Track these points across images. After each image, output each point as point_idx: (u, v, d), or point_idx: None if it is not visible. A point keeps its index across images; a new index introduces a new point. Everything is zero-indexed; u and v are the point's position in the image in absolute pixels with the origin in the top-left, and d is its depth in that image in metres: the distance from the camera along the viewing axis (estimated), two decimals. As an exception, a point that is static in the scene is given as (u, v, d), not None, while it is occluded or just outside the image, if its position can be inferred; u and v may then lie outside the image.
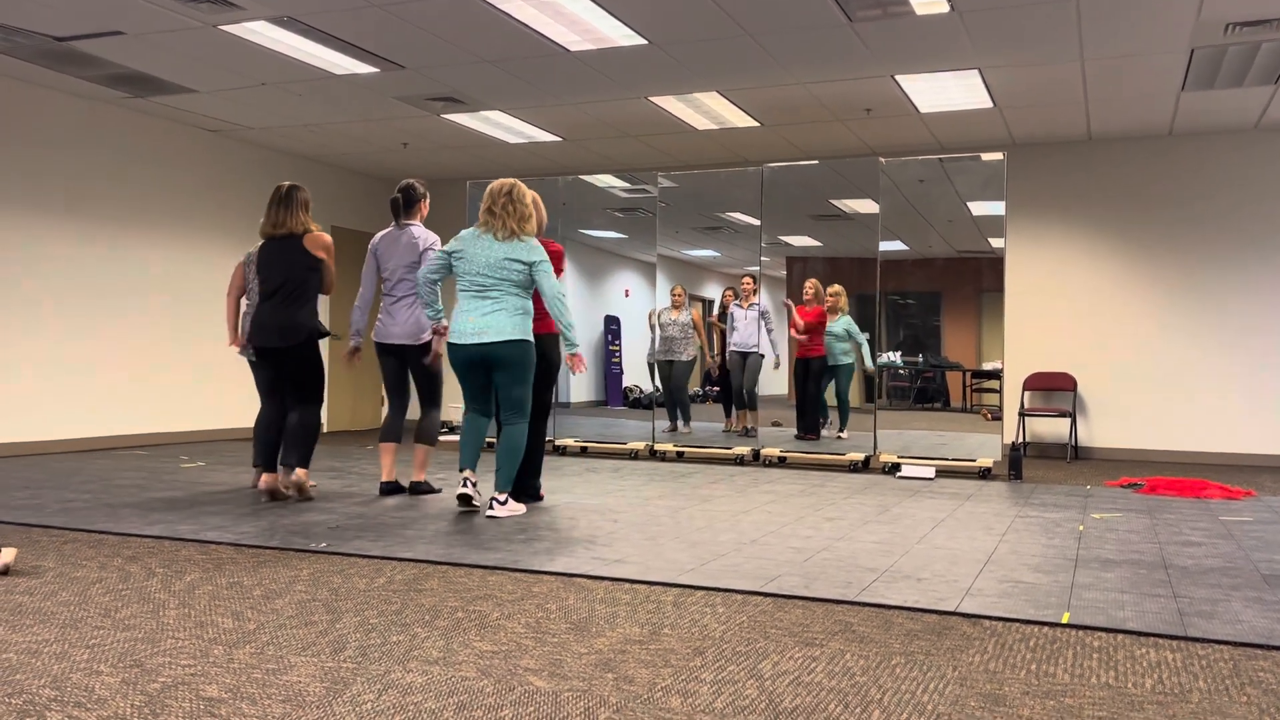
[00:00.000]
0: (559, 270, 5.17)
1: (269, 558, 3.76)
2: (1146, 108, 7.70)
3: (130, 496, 5.27)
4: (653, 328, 8.37)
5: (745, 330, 8.08)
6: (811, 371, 7.74)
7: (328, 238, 5.20)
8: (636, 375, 8.86)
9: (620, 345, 9.17)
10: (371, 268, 5.48)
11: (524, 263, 4.74)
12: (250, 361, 5.69)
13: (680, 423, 8.26)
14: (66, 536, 4.14)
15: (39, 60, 6.90)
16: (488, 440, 8.37)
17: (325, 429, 10.37)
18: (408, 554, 3.81)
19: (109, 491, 5.45)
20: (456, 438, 9.09)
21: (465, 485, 4.76)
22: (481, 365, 4.78)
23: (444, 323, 5.15)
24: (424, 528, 4.41)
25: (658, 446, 8.05)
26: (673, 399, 8.27)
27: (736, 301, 8.16)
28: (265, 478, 5.14)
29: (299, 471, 5.11)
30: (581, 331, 8.77)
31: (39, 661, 2.45)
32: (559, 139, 9.02)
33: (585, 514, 4.90)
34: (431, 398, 5.48)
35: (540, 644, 2.66)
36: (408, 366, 5.49)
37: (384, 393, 5.63)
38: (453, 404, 10.66)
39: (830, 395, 7.73)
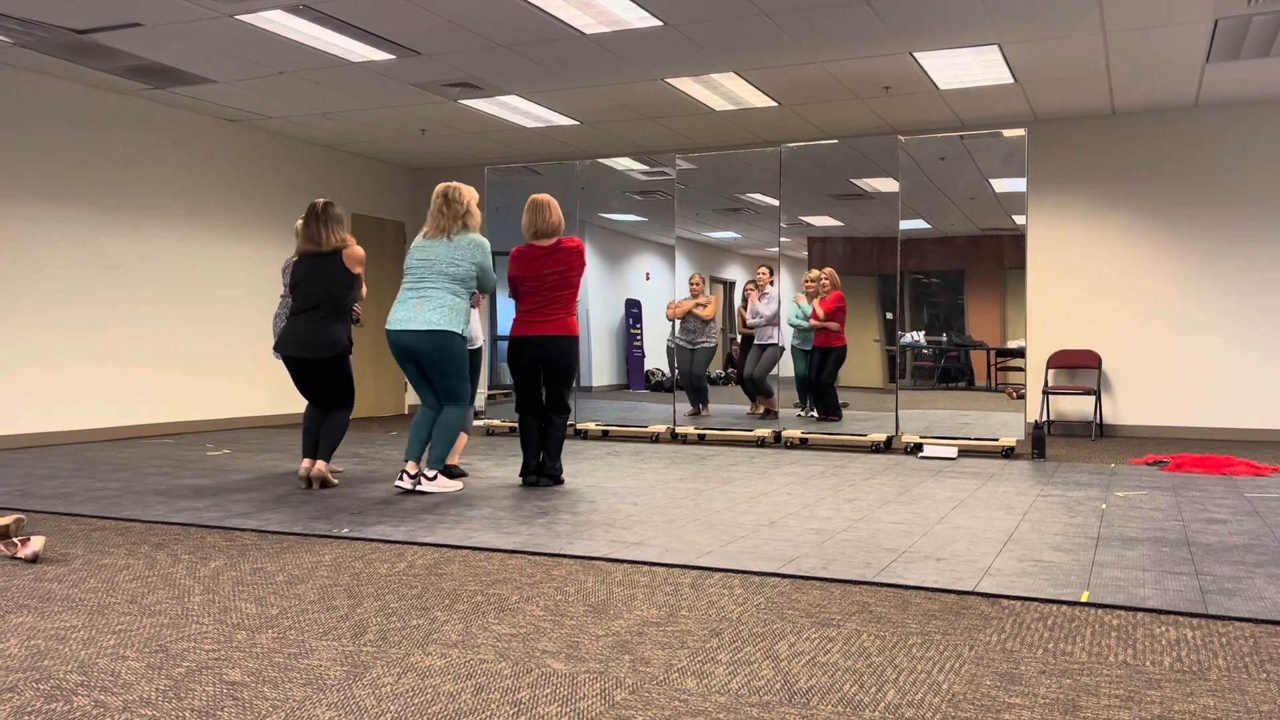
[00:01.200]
0: (580, 266, 5.24)
1: (292, 544, 3.81)
2: (1170, 80, 7.59)
3: (157, 485, 5.35)
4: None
5: (756, 321, 8.09)
6: (829, 361, 7.71)
7: (361, 251, 5.32)
8: (658, 358, 8.87)
9: (641, 329, 9.18)
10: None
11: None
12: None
13: (701, 407, 8.26)
14: (95, 524, 4.21)
15: (59, 53, 6.96)
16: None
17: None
18: (428, 539, 3.84)
19: (136, 480, 5.53)
20: (481, 422, 9.14)
21: (402, 478, 5.00)
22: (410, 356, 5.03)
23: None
24: (444, 513, 4.45)
25: (679, 429, 8.06)
26: (693, 385, 8.28)
27: (755, 292, 8.14)
28: (305, 464, 5.31)
29: (319, 464, 5.22)
30: (602, 314, 8.78)
31: (67, 647, 2.50)
32: (576, 122, 9.01)
33: (605, 497, 4.93)
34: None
35: (558, 626, 2.69)
36: None
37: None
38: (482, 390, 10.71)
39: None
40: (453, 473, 5.64)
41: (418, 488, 5.00)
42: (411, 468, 5.00)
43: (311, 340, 5.16)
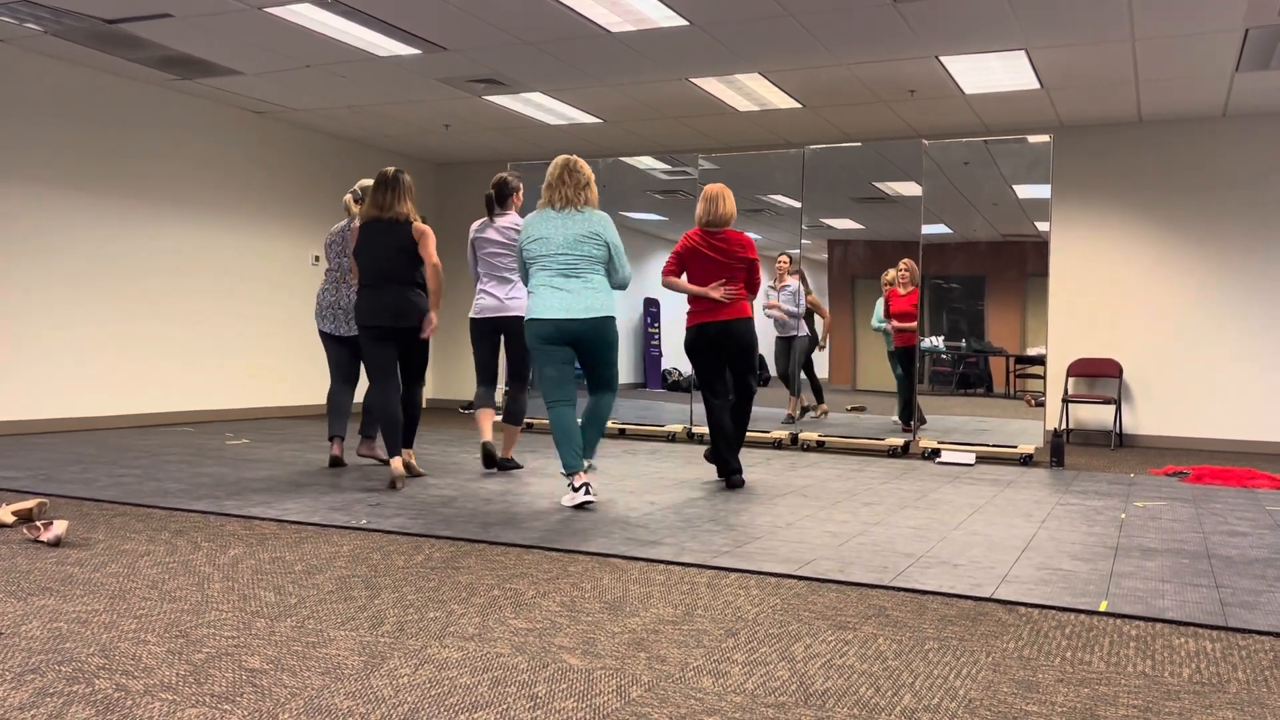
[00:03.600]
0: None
1: (310, 534, 3.83)
2: (1199, 89, 7.53)
3: (178, 472, 5.39)
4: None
5: (776, 315, 7.93)
6: (904, 360, 7.46)
7: (429, 231, 5.11)
8: (675, 358, 8.87)
9: (659, 328, 9.18)
10: (470, 254, 5.82)
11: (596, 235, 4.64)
12: (330, 337, 5.75)
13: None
14: (116, 510, 4.25)
15: (89, 42, 7.02)
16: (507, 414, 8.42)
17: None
18: (446, 532, 3.86)
19: (158, 467, 5.57)
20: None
21: (582, 490, 4.55)
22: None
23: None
24: (462, 506, 4.46)
25: (696, 430, 8.06)
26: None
27: (771, 283, 8.01)
28: (394, 463, 4.96)
29: (404, 454, 5.16)
30: (621, 313, 8.79)
31: (88, 631, 2.52)
32: (599, 120, 9.02)
33: (622, 495, 4.93)
34: (523, 377, 5.72)
35: (574, 622, 2.69)
36: (506, 343, 5.74)
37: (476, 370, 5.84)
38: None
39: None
40: (506, 464, 5.69)
41: (587, 496, 4.49)
42: (579, 478, 4.52)
43: (396, 308, 4.97)
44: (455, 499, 4.68)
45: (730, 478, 5.26)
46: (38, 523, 3.60)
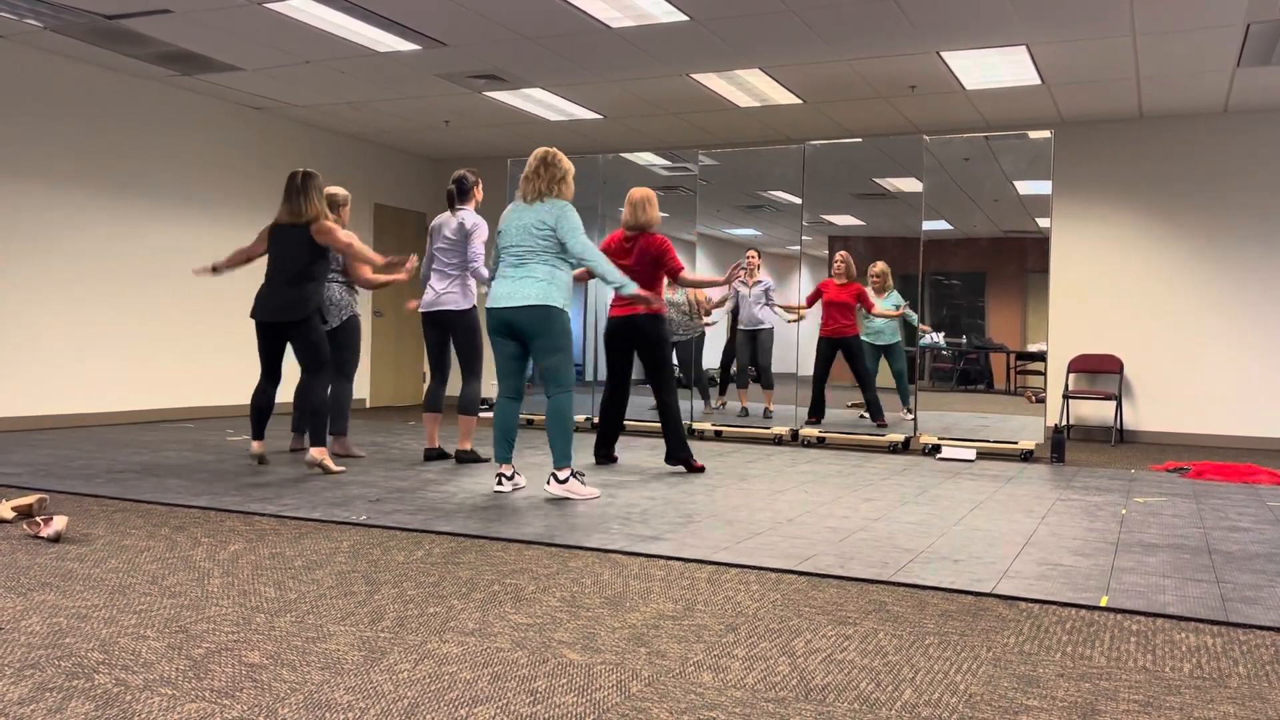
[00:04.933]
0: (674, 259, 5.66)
1: (310, 530, 3.83)
2: (1200, 84, 7.52)
3: (178, 468, 5.39)
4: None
5: (751, 308, 8.06)
6: (829, 351, 7.64)
7: (331, 226, 5.29)
8: (677, 355, 8.86)
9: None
10: (428, 247, 5.93)
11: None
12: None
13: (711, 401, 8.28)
14: (116, 506, 4.24)
15: (88, 38, 7.01)
16: (527, 417, 8.43)
17: (368, 404, 10.50)
18: (446, 528, 3.86)
19: (158, 463, 5.57)
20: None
21: (500, 482, 4.83)
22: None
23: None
24: (462, 502, 4.46)
25: (696, 426, 8.06)
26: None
27: (741, 280, 8.11)
28: (255, 445, 5.43)
29: (316, 450, 5.24)
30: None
31: (88, 626, 2.52)
32: (600, 116, 9.01)
33: (622, 491, 4.93)
34: (470, 369, 5.76)
35: (574, 618, 2.69)
36: (448, 337, 5.86)
37: (425, 367, 5.95)
38: (491, 381, 10.74)
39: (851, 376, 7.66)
40: (463, 457, 5.71)
41: (548, 489, 4.62)
42: (506, 469, 4.78)
43: (282, 302, 5.22)
44: (455, 495, 4.68)
45: (599, 459, 5.90)
46: (38, 518, 3.59)
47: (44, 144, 7.42)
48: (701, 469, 5.73)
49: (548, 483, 4.63)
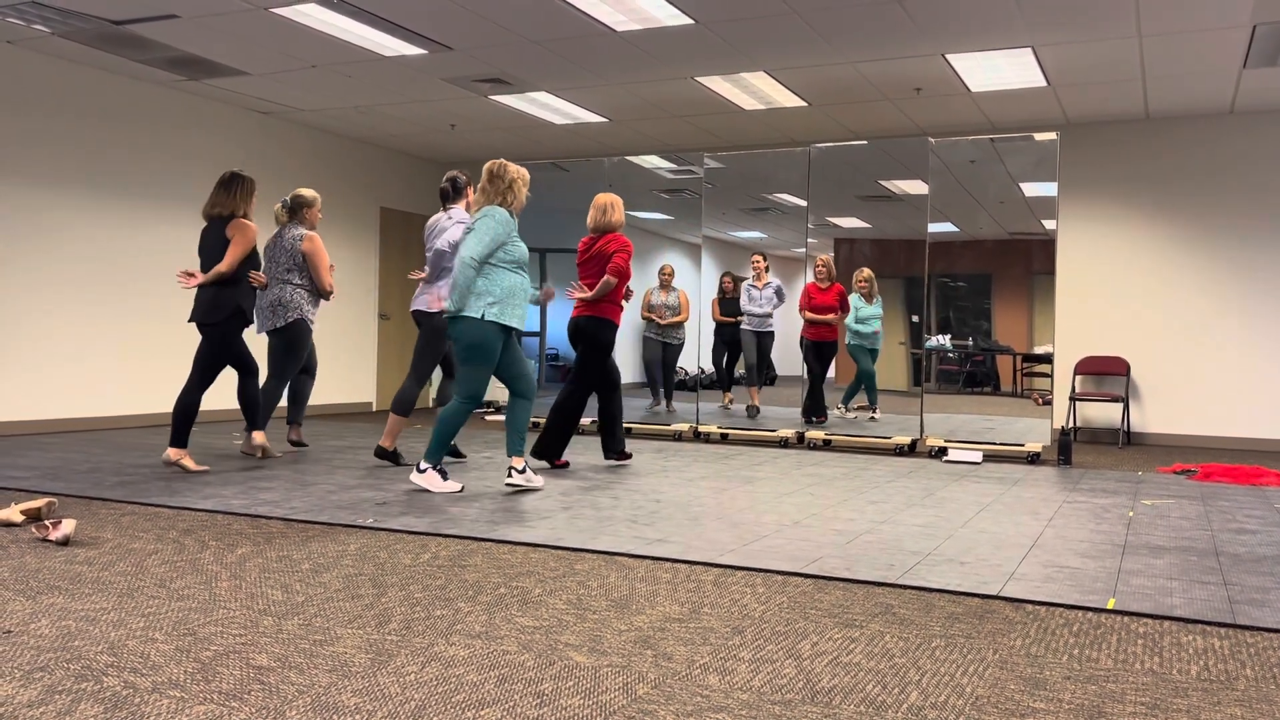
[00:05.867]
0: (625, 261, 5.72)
1: (317, 533, 3.84)
2: (1206, 85, 7.51)
3: (184, 471, 5.40)
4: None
5: (762, 309, 8.12)
6: (818, 354, 7.78)
7: (244, 223, 5.36)
8: (683, 357, 8.86)
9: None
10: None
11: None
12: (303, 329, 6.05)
13: (665, 402, 8.34)
14: (124, 509, 4.26)
15: (96, 43, 7.04)
16: (536, 420, 8.43)
17: (374, 408, 10.52)
18: (452, 530, 3.86)
19: (166, 466, 5.58)
20: (502, 417, 9.17)
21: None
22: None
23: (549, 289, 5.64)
24: (469, 505, 4.47)
25: (702, 428, 8.06)
26: (652, 375, 8.38)
27: (751, 281, 8.16)
28: (169, 451, 5.38)
29: (257, 434, 5.61)
30: (627, 313, 8.79)
31: (97, 629, 2.53)
32: (605, 120, 9.02)
33: (628, 494, 4.93)
34: (416, 369, 5.80)
35: (581, 620, 2.69)
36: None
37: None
38: (498, 385, 10.75)
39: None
40: (384, 453, 5.76)
41: (413, 479, 4.92)
42: (518, 462, 4.93)
43: (203, 303, 5.31)
44: (461, 498, 4.68)
45: (550, 461, 5.87)
46: (46, 522, 3.61)
47: (53, 148, 7.45)
48: (629, 460, 5.98)
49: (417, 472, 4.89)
